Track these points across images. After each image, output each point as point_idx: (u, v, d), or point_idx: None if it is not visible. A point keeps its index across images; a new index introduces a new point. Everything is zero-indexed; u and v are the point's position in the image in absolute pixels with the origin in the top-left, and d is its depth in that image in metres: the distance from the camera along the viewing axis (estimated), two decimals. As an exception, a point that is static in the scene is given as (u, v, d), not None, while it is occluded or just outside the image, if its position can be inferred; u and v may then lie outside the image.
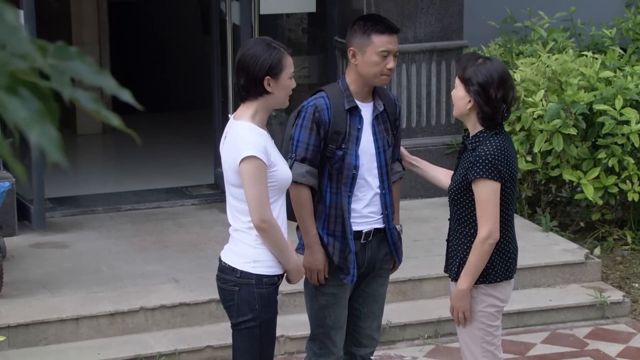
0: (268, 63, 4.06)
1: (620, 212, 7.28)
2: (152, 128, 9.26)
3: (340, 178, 4.39)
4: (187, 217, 7.15)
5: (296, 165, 4.33)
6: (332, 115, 4.34)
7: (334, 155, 4.36)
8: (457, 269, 4.31)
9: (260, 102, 4.10)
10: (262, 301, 4.12)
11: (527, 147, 7.00)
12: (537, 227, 7.00)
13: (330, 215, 4.42)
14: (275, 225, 4.08)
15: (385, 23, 4.44)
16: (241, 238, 4.14)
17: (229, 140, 4.11)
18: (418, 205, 7.38)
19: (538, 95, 6.92)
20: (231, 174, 4.09)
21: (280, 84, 4.09)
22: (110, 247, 6.64)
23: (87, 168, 8.47)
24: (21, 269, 6.25)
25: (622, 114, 6.83)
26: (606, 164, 6.89)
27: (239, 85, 4.12)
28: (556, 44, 7.76)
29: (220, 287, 4.20)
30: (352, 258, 4.44)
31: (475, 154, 4.23)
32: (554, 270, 6.47)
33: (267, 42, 4.16)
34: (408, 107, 7.44)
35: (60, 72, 1.31)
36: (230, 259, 4.16)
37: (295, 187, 4.33)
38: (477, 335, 4.32)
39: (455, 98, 4.31)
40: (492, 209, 4.20)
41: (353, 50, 4.37)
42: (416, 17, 7.36)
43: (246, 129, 4.07)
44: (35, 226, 6.86)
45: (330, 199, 4.41)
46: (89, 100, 1.31)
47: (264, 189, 4.03)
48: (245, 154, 4.01)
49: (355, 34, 4.38)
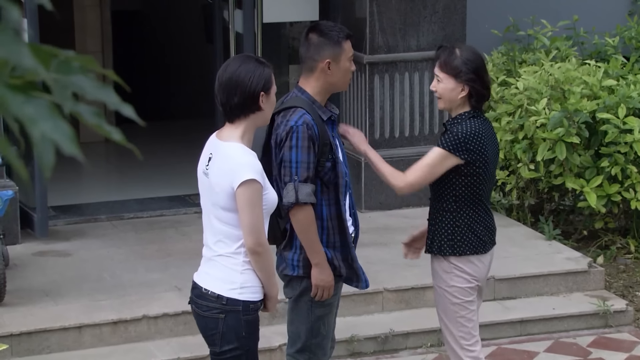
0: (263, 78, 4.00)
1: (623, 220, 7.27)
2: (155, 136, 9.27)
3: (336, 188, 4.40)
4: (190, 225, 7.15)
5: (301, 187, 4.29)
6: (319, 130, 4.35)
7: (323, 167, 4.36)
8: (439, 243, 4.59)
9: (249, 121, 4.02)
10: (248, 328, 4.02)
11: (530, 155, 7.00)
12: (540, 235, 6.99)
13: (328, 228, 4.42)
14: (269, 250, 4.03)
15: (344, 29, 4.50)
16: (226, 263, 4.02)
17: (219, 163, 4.00)
18: (421, 213, 7.37)
19: (541, 104, 6.92)
20: (224, 198, 3.97)
21: (270, 99, 4.05)
22: (113, 255, 6.64)
23: (90, 176, 8.48)
24: (24, 277, 6.25)
25: (625, 122, 6.83)
26: (609, 173, 6.89)
27: (230, 105, 4.01)
28: (559, 53, 7.76)
29: (201, 315, 4.06)
30: (358, 265, 4.47)
31: (449, 132, 4.54)
32: (557, 279, 6.47)
33: (252, 57, 4.14)
34: (411, 115, 7.44)
35: (62, 86, 1.31)
36: (213, 285, 4.03)
37: (302, 208, 4.30)
38: (451, 310, 4.59)
39: (443, 91, 4.54)
40: (425, 169, 4.55)
41: (329, 62, 4.37)
42: (419, 25, 7.36)
43: (239, 151, 3.98)
44: (38, 234, 6.86)
45: (328, 212, 4.41)
46: (90, 115, 1.31)
47: (260, 212, 3.96)
48: (245, 177, 3.92)
49: (326, 45, 4.37)
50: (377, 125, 7.38)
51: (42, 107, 1.32)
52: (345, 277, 4.49)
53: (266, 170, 4.35)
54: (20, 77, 1.31)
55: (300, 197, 4.26)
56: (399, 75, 7.38)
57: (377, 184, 7.40)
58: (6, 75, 1.33)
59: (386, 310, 6.17)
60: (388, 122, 7.39)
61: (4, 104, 1.33)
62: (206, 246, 4.13)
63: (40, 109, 1.32)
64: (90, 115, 1.31)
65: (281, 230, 4.45)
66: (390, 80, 7.37)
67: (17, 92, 1.33)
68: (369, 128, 7.37)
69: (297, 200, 4.28)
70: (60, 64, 1.32)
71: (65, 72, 1.31)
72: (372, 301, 6.15)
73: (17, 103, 1.33)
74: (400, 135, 7.42)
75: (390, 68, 7.36)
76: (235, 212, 3.97)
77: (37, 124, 1.32)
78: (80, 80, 1.31)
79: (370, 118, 7.36)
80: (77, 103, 1.33)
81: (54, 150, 1.32)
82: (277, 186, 4.42)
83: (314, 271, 4.38)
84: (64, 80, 1.31)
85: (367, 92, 7.35)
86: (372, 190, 7.39)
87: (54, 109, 1.32)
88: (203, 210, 4.14)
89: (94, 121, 1.31)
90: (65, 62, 1.33)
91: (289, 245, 4.45)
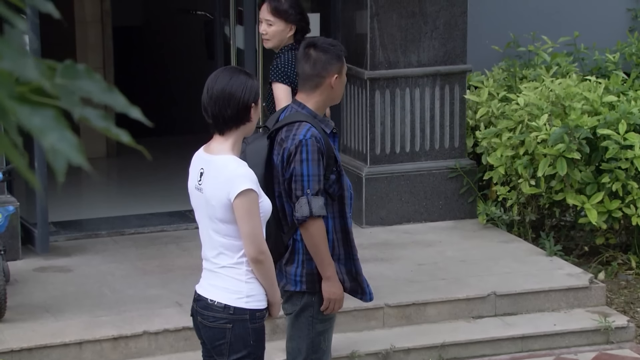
0: (254, 90, 4.08)
1: (625, 236, 7.27)
2: (155, 151, 9.25)
3: (341, 200, 4.41)
4: (191, 241, 7.14)
5: (313, 200, 4.31)
6: (324, 143, 4.37)
7: (328, 180, 4.38)
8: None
9: (239, 132, 4.07)
10: (255, 336, 4.07)
11: (530, 171, 7.00)
12: (541, 251, 6.98)
13: (333, 240, 4.44)
14: (270, 257, 4.07)
15: (337, 42, 4.59)
16: (230, 274, 4.07)
17: (214, 176, 4.05)
18: (421, 229, 7.37)
19: (542, 120, 6.92)
20: (221, 210, 4.02)
21: (257, 110, 4.11)
22: (113, 271, 6.63)
23: (91, 191, 8.47)
24: (24, 293, 6.24)
25: (626, 138, 6.83)
26: (610, 189, 6.89)
27: (223, 117, 4.05)
28: (560, 69, 7.77)
29: (208, 326, 4.11)
30: (362, 278, 4.48)
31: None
32: (558, 295, 6.46)
33: (240, 69, 4.22)
34: (412, 131, 7.44)
35: (69, 91, 1.31)
36: (219, 295, 4.08)
37: (315, 221, 4.32)
38: None
39: (273, 33, 5.63)
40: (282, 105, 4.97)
41: (336, 77, 4.42)
42: (420, 41, 7.38)
43: (233, 162, 4.03)
44: (39, 250, 6.85)
45: (333, 224, 4.42)
46: (98, 118, 1.31)
47: (259, 221, 4.01)
48: (242, 188, 3.96)
49: (332, 60, 4.42)
50: (378, 141, 7.38)
51: (49, 117, 1.33)
52: (350, 289, 4.49)
53: (267, 186, 4.35)
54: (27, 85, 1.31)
55: (314, 210, 4.28)
56: (399, 90, 7.39)
57: (378, 199, 7.40)
58: (12, 87, 1.33)
59: (387, 326, 6.16)
60: (389, 138, 7.40)
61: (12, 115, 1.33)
62: (206, 260, 4.17)
63: (47, 119, 1.33)
64: (98, 118, 1.31)
65: (284, 245, 4.45)
66: (391, 96, 7.37)
67: (23, 103, 1.33)
68: (370, 143, 7.37)
69: (312, 213, 4.30)
70: (66, 69, 1.32)
71: (71, 77, 1.31)
72: (373, 317, 6.14)
73: (25, 114, 1.33)
74: (401, 150, 7.42)
75: (391, 84, 7.36)
76: (233, 223, 4.01)
77: (46, 135, 1.32)
78: (87, 84, 1.31)
79: (371, 133, 7.37)
80: (84, 107, 1.34)
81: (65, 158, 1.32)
82: (279, 202, 4.42)
83: (325, 285, 4.39)
84: (70, 85, 1.31)
85: (368, 108, 7.35)
86: (373, 205, 7.39)
87: (60, 119, 1.33)
88: (199, 225, 4.19)
89: (102, 124, 1.31)
90: (70, 67, 1.33)
91: (291, 260, 4.45)
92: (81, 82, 1.31)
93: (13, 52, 1.34)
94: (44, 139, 1.33)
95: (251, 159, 4.31)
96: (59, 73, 1.32)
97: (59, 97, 1.31)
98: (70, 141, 1.33)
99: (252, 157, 4.35)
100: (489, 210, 7.29)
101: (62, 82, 1.31)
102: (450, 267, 6.68)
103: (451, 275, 6.55)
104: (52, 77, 1.32)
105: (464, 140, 7.52)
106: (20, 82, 1.32)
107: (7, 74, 1.33)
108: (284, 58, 5.69)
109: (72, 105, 1.30)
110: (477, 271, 6.62)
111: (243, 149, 4.35)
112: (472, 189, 7.51)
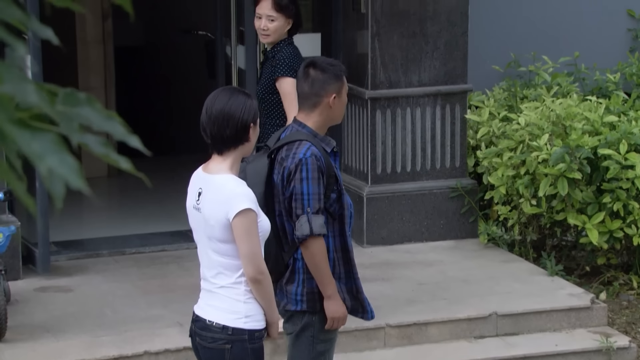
0: (253, 110, 4.09)
1: (626, 256, 7.26)
2: (157, 171, 9.27)
3: (342, 219, 4.42)
4: (192, 261, 7.11)
5: (314, 218, 4.32)
6: (325, 162, 4.38)
7: (329, 199, 4.39)
8: None
9: (237, 152, 4.08)
10: (254, 356, 4.07)
11: (532, 191, 7.00)
12: (543, 271, 6.98)
13: (333, 259, 4.44)
14: (269, 277, 4.07)
15: (339, 62, 4.62)
16: (228, 294, 4.07)
17: (212, 196, 4.05)
18: (422, 248, 7.37)
19: (542, 139, 6.93)
20: (219, 230, 4.02)
21: (256, 130, 4.13)
22: (114, 290, 6.63)
23: (92, 211, 8.47)
24: (25, 313, 6.23)
25: (627, 158, 6.84)
26: (611, 208, 6.88)
27: (222, 137, 4.06)
28: (560, 89, 7.78)
29: (207, 347, 4.10)
30: (363, 296, 4.49)
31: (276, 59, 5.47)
32: (559, 315, 6.45)
33: (238, 89, 4.26)
34: (413, 151, 7.45)
35: (68, 118, 1.31)
36: (217, 316, 4.08)
37: (315, 240, 4.32)
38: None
39: (275, 28, 5.77)
40: (293, 100, 5.09)
41: (335, 96, 4.43)
42: (420, 61, 7.39)
43: (232, 182, 4.04)
44: (40, 270, 6.85)
45: (334, 243, 4.43)
46: (98, 145, 1.32)
47: (258, 240, 4.01)
48: (241, 207, 3.96)
49: (330, 80, 4.44)
50: (379, 161, 7.39)
51: (48, 142, 1.33)
52: (351, 308, 4.49)
53: (267, 205, 4.36)
54: (27, 111, 1.32)
55: (314, 228, 4.29)
56: (400, 110, 7.40)
57: (379, 218, 7.40)
58: (12, 111, 1.33)
59: (388, 346, 6.15)
60: (390, 157, 7.40)
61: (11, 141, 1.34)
62: (204, 280, 4.17)
63: (46, 144, 1.33)
64: (98, 145, 1.32)
65: (285, 264, 4.45)
66: (392, 116, 7.38)
67: (23, 128, 1.34)
68: (371, 163, 7.38)
69: (312, 232, 4.30)
70: (67, 96, 1.33)
71: (71, 104, 1.32)
72: (374, 337, 6.13)
73: (24, 139, 1.33)
74: (402, 170, 7.43)
75: (392, 103, 7.37)
76: (232, 243, 4.01)
77: (44, 160, 1.33)
78: (87, 111, 1.32)
79: (372, 153, 7.37)
80: (84, 134, 1.34)
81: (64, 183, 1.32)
82: (279, 220, 4.42)
83: (327, 303, 4.39)
84: (70, 112, 1.32)
85: (369, 128, 7.36)
86: (374, 225, 7.38)
87: (59, 143, 1.33)
88: (198, 245, 4.19)
89: (102, 151, 1.32)
90: (71, 94, 1.33)
91: (292, 280, 4.45)
92: (81, 110, 1.31)
93: (14, 76, 1.34)
94: (42, 164, 1.33)
95: (251, 178, 4.32)
96: (60, 100, 1.33)
97: (59, 123, 1.31)
98: (70, 165, 1.34)
99: (253, 176, 4.36)
100: (490, 230, 7.28)
101: (62, 108, 1.32)
102: (451, 287, 6.67)
103: (452, 295, 6.54)
104: (53, 103, 1.32)
105: (465, 160, 7.53)
106: (20, 107, 1.32)
107: (8, 98, 1.34)
108: (286, 52, 5.89)
109: (71, 132, 1.30)
110: (478, 291, 6.62)
111: (243, 168, 4.36)
112: (473, 209, 7.51)
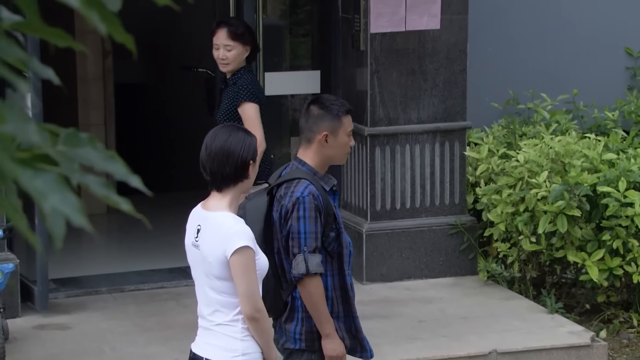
0: (252, 147, 4.10)
1: (626, 294, 7.24)
2: (156, 208, 9.27)
3: (340, 258, 4.41)
4: (191, 297, 7.07)
5: (310, 257, 4.31)
6: (323, 200, 4.38)
7: (327, 238, 4.39)
8: None
9: (236, 189, 4.08)
10: None
11: (531, 228, 7.00)
12: (543, 308, 6.96)
13: (332, 298, 4.43)
14: (266, 315, 4.07)
15: (345, 104, 4.56)
16: (226, 332, 4.06)
17: (211, 233, 4.05)
18: (422, 285, 7.35)
19: (542, 177, 6.93)
20: (217, 267, 4.01)
21: (255, 167, 4.14)
22: (113, 328, 6.61)
23: (91, 248, 8.46)
24: (24, 352, 6.21)
25: (626, 196, 6.84)
26: (610, 246, 6.88)
27: (222, 175, 4.06)
28: (559, 126, 7.80)
29: None
30: (362, 335, 4.47)
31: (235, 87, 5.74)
32: (560, 353, 6.42)
33: (238, 127, 4.28)
34: (412, 187, 7.45)
35: (69, 158, 1.32)
36: (214, 354, 4.06)
37: (312, 279, 4.32)
38: None
39: (234, 57, 6.00)
40: (257, 124, 5.84)
41: (326, 134, 4.42)
42: (420, 98, 7.41)
43: (230, 220, 4.03)
44: (39, 308, 6.83)
45: (332, 282, 4.42)
46: (98, 186, 1.32)
47: (255, 278, 4.00)
48: (238, 245, 3.95)
49: (324, 117, 4.42)
50: (378, 197, 7.39)
51: (51, 180, 1.34)
52: (350, 347, 4.48)
53: (266, 242, 4.35)
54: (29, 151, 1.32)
55: (310, 267, 4.28)
56: (400, 147, 7.41)
57: (379, 255, 7.39)
58: (13, 150, 1.34)
59: (388, 384, 6.12)
60: (389, 194, 7.41)
61: (13, 178, 1.34)
62: (201, 317, 4.16)
63: (48, 182, 1.33)
64: (98, 186, 1.32)
65: (283, 302, 4.44)
66: (391, 152, 7.39)
67: (25, 167, 1.34)
68: (370, 199, 7.38)
69: (308, 271, 4.29)
70: (68, 137, 1.34)
71: (73, 145, 1.32)
72: (374, 375, 6.10)
73: (26, 177, 1.34)
74: (401, 206, 7.43)
75: (391, 140, 7.39)
76: (229, 280, 4.00)
77: (47, 198, 1.33)
78: (88, 152, 1.32)
79: (372, 190, 7.38)
80: (84, 174, 1.35)
81: (65, 222, 1.33)
82: (278, 258, 4.42)
83: (325, 342, 4.38)
84: (71, 152, 1.32)
85: (368, 164, 7.37)
86: (374, 262, 7.37)
87: (61, 182, 1.33)
88: (196, 282, 4.18)
89: (102, 192, 1.32)
90: (72, 135, 1.34)
91: (291, 318, 4.44)
92: (83, 150, 1.32)
93: (16, 116, 1.35)
94: (44, 202, 1.34)
95: (250, 215, 4.32)
96: (62, 140, 1.33)
97: (59, 163, 1.32)
98: (72, 203, 1.34)
99: (252, 213, 4.36)
100: (489, 267, 7.28)
101: (63, 149, 1.32)
102: (451, 324, 6.65)
103: (452, 332, 6.52)
104: (54, 143, 1.33)
105: (464, 197, 7.53)
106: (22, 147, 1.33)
107: (10, 138, 1.34)
108: (247, 79, 6.11)
109: (71, 172, 1.31)
110: (478, 328, 6.60)
111: (243, 205, 4.35)
112: (472, 246, 7.50)
